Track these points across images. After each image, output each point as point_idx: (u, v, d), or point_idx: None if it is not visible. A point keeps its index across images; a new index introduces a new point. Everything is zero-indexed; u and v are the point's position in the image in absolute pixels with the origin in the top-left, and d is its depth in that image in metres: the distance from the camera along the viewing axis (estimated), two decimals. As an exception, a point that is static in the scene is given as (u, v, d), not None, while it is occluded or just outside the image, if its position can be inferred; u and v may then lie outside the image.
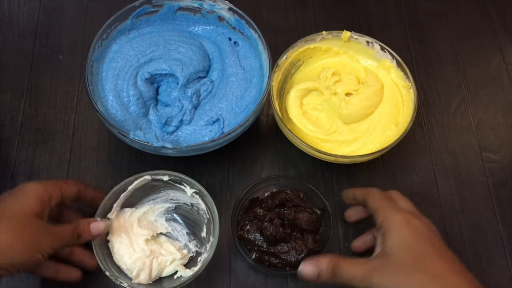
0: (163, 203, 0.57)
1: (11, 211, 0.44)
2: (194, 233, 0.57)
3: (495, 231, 0.60)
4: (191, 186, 0.54)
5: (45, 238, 0.44)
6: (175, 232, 0.57)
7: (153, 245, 0.53)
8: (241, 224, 0.55)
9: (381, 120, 0.60)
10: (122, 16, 0.60)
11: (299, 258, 0.52)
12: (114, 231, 0.52)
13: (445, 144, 0.65)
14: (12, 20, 0.71)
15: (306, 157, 0.58)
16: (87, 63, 0.56)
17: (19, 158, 0.61)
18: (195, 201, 0.56)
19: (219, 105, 0.60)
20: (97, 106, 0.54)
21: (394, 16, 0.75)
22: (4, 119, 0.64)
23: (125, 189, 0.53)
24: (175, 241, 0.56)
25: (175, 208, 0.58)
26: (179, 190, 0.56)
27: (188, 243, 0.56)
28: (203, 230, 0.56)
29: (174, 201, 0.58)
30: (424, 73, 0.71)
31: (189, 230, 0.57)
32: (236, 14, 0.61)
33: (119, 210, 0.54)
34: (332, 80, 0.62)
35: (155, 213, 0.57)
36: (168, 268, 0.53)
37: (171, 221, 0.57)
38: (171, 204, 0.58)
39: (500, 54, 0.73)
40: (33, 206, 0.45)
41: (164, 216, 0.57)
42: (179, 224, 0.57)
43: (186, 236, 0.57)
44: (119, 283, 0.49)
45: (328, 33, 0.62)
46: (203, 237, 0.56)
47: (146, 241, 0.53)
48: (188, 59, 0.61)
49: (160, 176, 0.54)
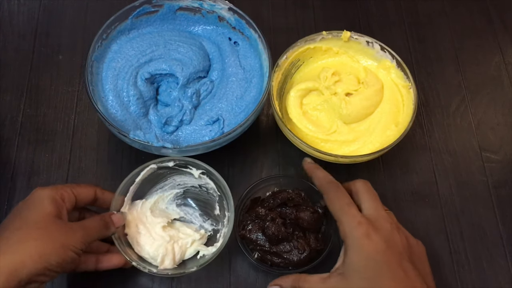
0: (171, 189, 0.58)
1: (31, 218, 0.44)
2: (207, 213, 0.58)
3: (495, 231, 0.60)
4: (197, 168, 0.55)
5: (72, 235, 0.45)
6: (188, 216, 0.58)
7: (171, 231, 0.55)
8: (243, 223, 0.55)
9: (381, 120, 0.60)
10: (122, 16, 0.60)
11: (301, 257, 0.53)
12: (130, 224, 0.53)
13: (445, 144, 0.65)
14: (12, 20, 0.71)
15: (306, 157, 0.58)
16: (87, 63, 0.56)
17: (19, 158, 0.61)
18: (203, 182, 0.56)
19: (219, 105, 0.60)
20: (97, 106, 0.54)
21: (394, 16, 0.75)
22: (4, 119, 0.64)
23: (133, 181, 0.54)
24: (190, 224, 0.57)
25: (183, 192, 0.58)
26: (185, 174, 0.57)
27: (203, 223, 0.57)
28: (215, 208, 0.57)
29: (182, 186, 0.58)
30: (424, 73, 0.71)
31: (201, 211, 0.58)
32: (236, 14, 0.61)
33: (130, 203, 0.55)
34: (332, 80, 0.62)
35: (165, 201, 0.58)
36: (189, 250, 0.54)
37: (182, 206, 0.58)
38: (179, 189, 0.58)
39: (500, 54, 0.73)
40: (49, 208, 0.45)
41: (174, 203, 0.58)
42: (190, 207, 0.58)
43: (199, 217, 0.58)
44: (148, 271, 0.50)
45: (328, 33, 0.62)
46: (217, 215, 0.57)
47: (163, 227, 0.54)
48: (188, 59, 0.61)
49: (165, 163, 0.54)
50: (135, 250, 0.53)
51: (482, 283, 0.57)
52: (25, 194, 0.58)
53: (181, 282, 0.56)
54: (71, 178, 0.60)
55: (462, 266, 0.58)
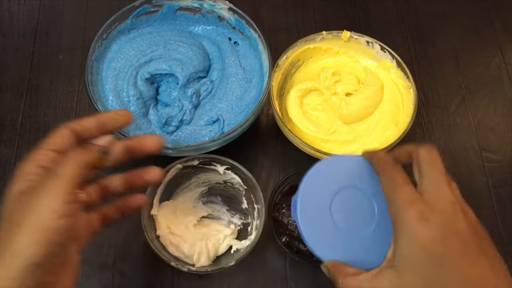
0: (196, 188, 0.59)
1: None
2: (235, 208, 0.58)
3: (495, 231, 0.60)
4: (221, 164, 0.55)
5: (39, 200, 0.34)
6: (216, 212, 0.58)
7: (202, 228, 0.55)
8: (277, 206, 0.55)
9: (381, 120, 0.60)
10: (122, 16, 0.60)
11: None
12: (160, 225, 0.54)
13: (445, 144, 0.65)
14: (12, 20, 0.71)
15: (306, 157, 0.58)
16: (87, 63, 0.56)
17: (19, 158, 0.61)
18: (227, 177, 0.56)
19: (219, 105, 0.60)
20: (97, 106, 0.54)
21: (394, 16, 0.75)
22: (4, 119, 0.64)
23: (160, 182, 0.54)
24: (218, 220, 0.58)
25: (208, 190, 0.59)
26: (209, 171, 0.57)
27: (232, 218, 0.58)
28: (243, 202, 0.57)
29: (206, 183, 0.59)
30: (424, 73, 0.71)
31: (228, 207, 0.58)
32: (236, 14, 0.61)
33: (159, 205, 0.55)
34: (332, 80, 0.62)
35: (192, 200, 0.58)
36: (222, 246, 0.54)
37: (209, 203, 0.59)
38: (204, 187, 0.59)
39: (500, 54, 0.73)
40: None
41: (200, 201, 0.59)
42: (217, 204, 0.59)
43: (227, 212, 0.58)
44: (187, 269, 0.50)
45: (328, 33, 0.62)
46: (245, 208, 0.57)
47: (194, 226, 0.55)
48: (188, 59, 0.61)
49: (190, 162, 0.54)
50: (169, 251, 0.53)
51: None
52: (25, 194, 0.59)
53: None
54: (71, 178, 0.60)
55: (462, 266, 0.58)
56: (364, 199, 0.43)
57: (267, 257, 0.57)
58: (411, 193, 0.37)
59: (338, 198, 0.43)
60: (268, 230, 0.52)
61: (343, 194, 0.43)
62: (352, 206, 0.43)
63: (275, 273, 0.56)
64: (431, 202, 0.36)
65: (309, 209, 0.42)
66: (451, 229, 0.35)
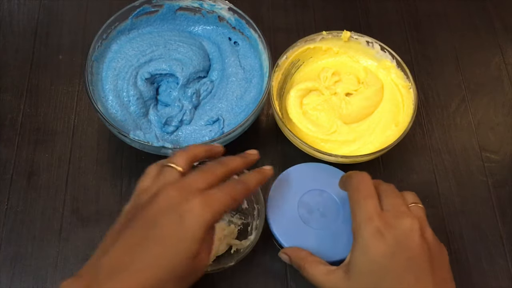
0: None
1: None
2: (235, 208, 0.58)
3: (495, 231, 0.60)
4: None
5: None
6: None
7: None
8: None
9: (381, 120, 0.60)
10: (122, 16, 0.60)
11: None
12: None
13: (445, 144, 0.65)
14: (12, 20, 0.71)
15: (306, 157, 0.58)
16: (87, 63, 0.56)
17: (19, 158, 0.61)
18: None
19: (219, 105, 0.60)
20: (97, 106, 0.54)
21: (394, 16, 0.75)
22: (4, 119, 0.64)
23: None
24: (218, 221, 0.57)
25: None
26: None
27: (231, 218, 0.57)
28: (243, 202, 0.57)
29: None
30: (424, 73, 0.71)
31: None
32: (236, 14, 0.61)
33: None
34: (332, 80, 0.62)
35: None
36: (221, 246, 0.54)
37: None
38: None
39: (500, 54, 0.73)
40: None
41: None
42: None
43: (227, 212, 0.57)
44: None
45: (328, 33, 0.62)
46: (245, 208, 0.57)
47: None
48: (188, 59, 0.61)
49: None
50: None
51: (482, 283, 0.57)
52: (25, 194, 0.59)
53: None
54: (71, 178, 0.60)
55: (462, 266, 0.58)
56: (330, 200, 0.51)
57: (267, 257, 0.57)
58: (372, 208, 0.41)
59: (306, 197, 0.52)
60: (268, 230, 0.52)
61: (310, 195, 0.52)
62: (319, 205, 0.51)
63: (275, 273, 0.56)
64: (389, 219, 0.40)
65: (278, 206, 0.51)
66: (403, 246, 0.39)
